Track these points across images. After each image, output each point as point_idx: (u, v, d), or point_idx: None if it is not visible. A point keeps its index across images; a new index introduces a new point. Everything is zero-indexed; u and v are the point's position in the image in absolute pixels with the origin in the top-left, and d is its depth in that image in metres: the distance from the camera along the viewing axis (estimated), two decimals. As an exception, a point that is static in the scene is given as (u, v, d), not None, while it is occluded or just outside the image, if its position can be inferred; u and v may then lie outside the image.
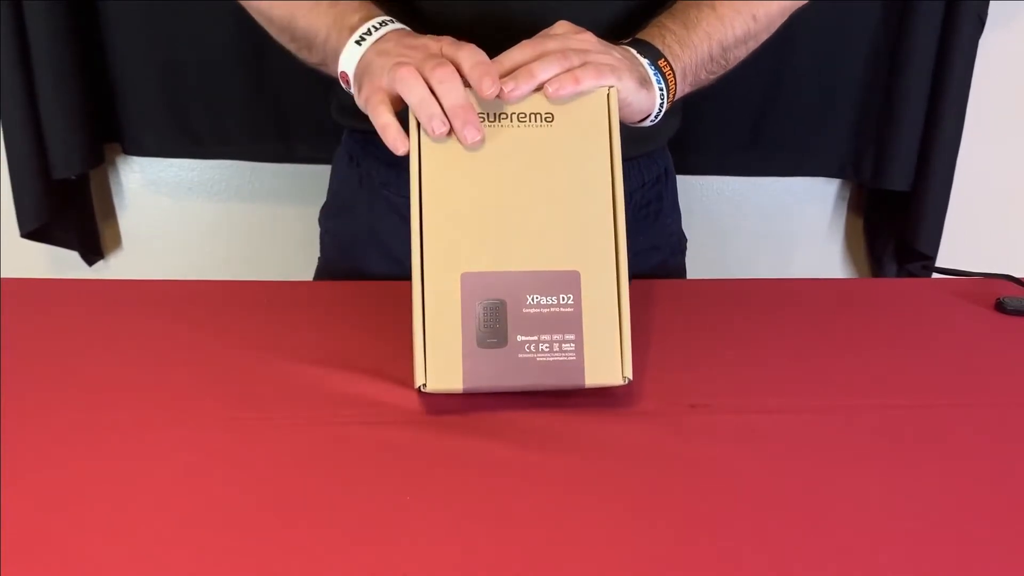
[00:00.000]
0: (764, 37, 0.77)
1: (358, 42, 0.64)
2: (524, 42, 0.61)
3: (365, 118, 0.61)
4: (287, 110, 1.19)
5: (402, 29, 0.65)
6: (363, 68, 0.62)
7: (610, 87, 0.59)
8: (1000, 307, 0.77)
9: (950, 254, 1.26)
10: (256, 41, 1.12)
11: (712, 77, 0.74)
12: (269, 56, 1.14)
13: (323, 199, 0.93)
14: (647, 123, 0.68)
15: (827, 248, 1.39)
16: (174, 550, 0.43)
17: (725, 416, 0.58)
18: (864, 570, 0.43)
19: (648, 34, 0.68)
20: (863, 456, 0.54)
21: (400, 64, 0.58)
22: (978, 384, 0.64)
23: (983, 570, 0.44)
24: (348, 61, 0.64)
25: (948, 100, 1.19)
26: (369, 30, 0.64)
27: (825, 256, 1.39)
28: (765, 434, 0.56)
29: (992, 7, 1.17)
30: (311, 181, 1.22)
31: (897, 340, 0.71)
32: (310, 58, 0.71)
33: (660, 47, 0.67)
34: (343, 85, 0.66)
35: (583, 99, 0.59)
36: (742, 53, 0.75)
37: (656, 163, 0.89)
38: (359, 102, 0.62)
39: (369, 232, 0.86)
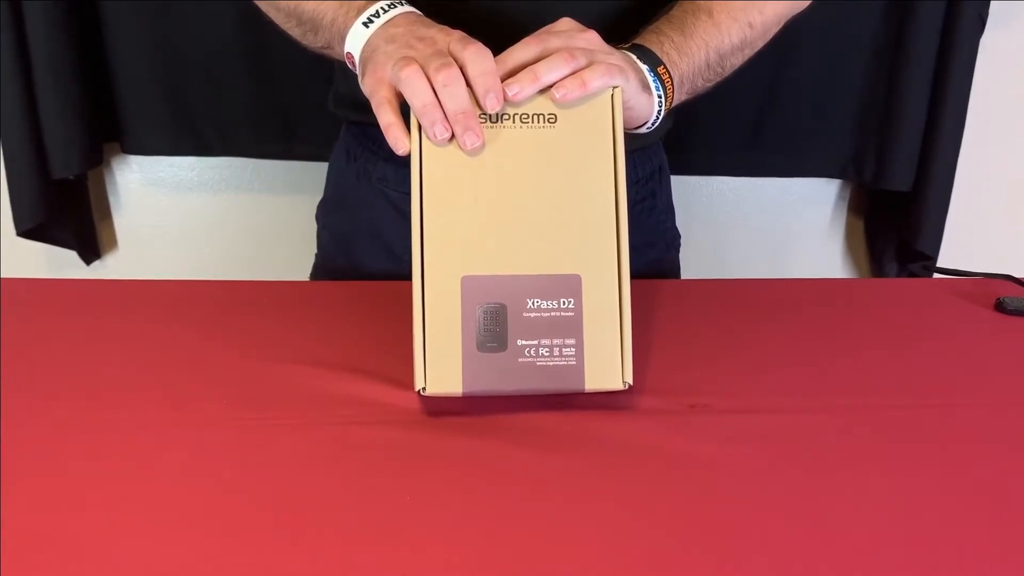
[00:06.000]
0: (760, 44, 0.76)
1: (366, 23, 0.63)
2: (527, 39, 0.60)
3: (364, 111, 0.60)
4: (288, 107, 1.19)
5: (412, 12, 0.63)
6: (369, 52, 0.61)
7: (615, 88, 0.58)
8: (1000, 307, 0.77)
9: (951, 254, 1.26)
10: (256, 38, 1.12)
11: (708, 85, 0.73)
12: (270, 53, 1.14)
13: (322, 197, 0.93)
14: (643, 130, 0.67)
15: (827, 248, 1.39)
16: (174, 550, 0.43)
17: (725, 416, 0.58)
18: (864, 570, 0.43)
19: (646, 40, 0.68)
20: (863, 456, 0.54)
21: (406, 61, 0.57)
22: (978, 384, 0.64)
23: (983, 570, 0.44)
24: (354, 42, 0.63)
25: (949, 100, 1.19)
26: (378, 12, 0.63)
27: (825, 256, 1.39)
28: (765, 434, 0.56)
29: (992, 7, 1.17)
30: (310, 180, 1.22)
31: (897, 340, 0.71)
32: (315, 42, 0.70)
33: (659, 54, 0.66)
34: (349, 66, 0.65)
35: (587, 100, 0.58)
36: (738, 61, 0.75)
37: (650, 160, 0.89)
38: (363, 88, 0.61)
39: (366, 227, 0.85)
